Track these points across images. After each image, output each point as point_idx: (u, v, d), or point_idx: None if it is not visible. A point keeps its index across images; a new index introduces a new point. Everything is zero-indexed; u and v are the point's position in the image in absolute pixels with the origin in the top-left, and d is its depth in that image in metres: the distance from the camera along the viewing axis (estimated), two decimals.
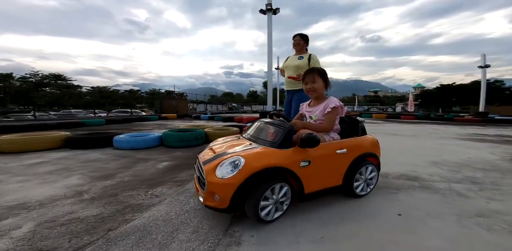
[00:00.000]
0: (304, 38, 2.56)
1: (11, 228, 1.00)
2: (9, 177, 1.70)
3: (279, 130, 1.15)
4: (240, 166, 0.96)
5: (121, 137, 2.94)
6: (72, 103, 23.60)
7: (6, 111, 15.88)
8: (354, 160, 1.24)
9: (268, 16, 8.18)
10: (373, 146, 1.37)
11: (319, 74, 1.34)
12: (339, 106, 1.27)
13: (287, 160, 1.03)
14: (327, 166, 1.17)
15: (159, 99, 17.96)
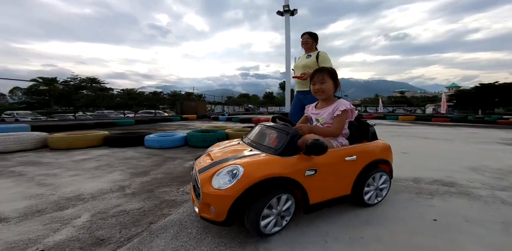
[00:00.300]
0: (313, 37, 2.48)
1: (73, 217, 1.15)
2: (63, 171, 1.97)
3: (282, 135, 1.06)
4: (239, 175, 0.88)
5: (151, 137, 3.19)
6: (104, 105, 25.98)
7: (51, 112, 18.03)
8: (365, 168, 1.14)
9: (285, 18, 8.16)
10: (385, 152, 1.27)
11: (328, 74, 1.24)
12: (349, 109, 1.19)
13: (290, 168, 0.94)
14: (335, 175, 1.08)
15: (180, 101, 18.99)
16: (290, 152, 0.98)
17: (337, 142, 1.18)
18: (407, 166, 2.13)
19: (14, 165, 2.13)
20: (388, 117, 11.34)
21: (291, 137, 1.00)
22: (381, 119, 11.19)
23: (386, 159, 1.26)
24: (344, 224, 1.08)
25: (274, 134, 1.12)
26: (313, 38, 2.48)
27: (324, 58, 2.36)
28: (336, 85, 1.27)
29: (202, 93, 35.08)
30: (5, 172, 1.91)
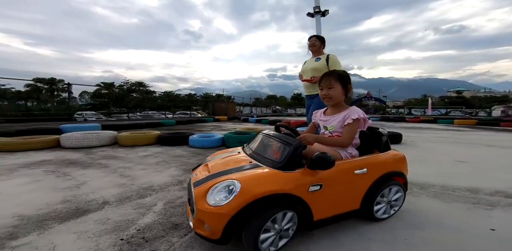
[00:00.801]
0: (321, 39, 2.45)
1: (152, 205, 1.43)
2: (134, 165, 2.42)
3: (285, 146, 0.98)
4: (235, 192, 0.82)
5: (194, 137, 3.60)
6: (149, 106, 29.63)
7: (110, 113, 21.46)
8: (376, 181, 1.06)
9: (316, 19, 7.96)
10: (400, 163, 1.19)
11: (337, 78, 1.15)
12: (362, 118, 1.11)
13: (292, 184, 0.88)
14: (343, 189, 1.00)
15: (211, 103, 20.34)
16: (293, 166, 0.92)
17: (346, 152, 1.10)
18: (465, 175, 1.96)
19: (99, 158, 2.71)
20: (440, 121, 9.87)
21: (294, 148, 0.93)
22: (431, 123, 9.87)
23: (400, 171, 1.18)
24: (390, 226, 1.13)
25: (276, 145, 1.05)
26: (320, 41, 2.44)
27: (335, 61, 2.31)
28: (347, 90, 1.17)
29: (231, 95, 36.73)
30: (95, 163, 2.46)
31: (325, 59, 2.34)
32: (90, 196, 1.53)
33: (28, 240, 1.01)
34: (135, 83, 36.03)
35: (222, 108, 18.78)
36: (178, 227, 1.17)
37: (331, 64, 2.31)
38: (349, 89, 1.18)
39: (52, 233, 1.07)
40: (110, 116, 18.14)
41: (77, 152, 3.01)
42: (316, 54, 2.47)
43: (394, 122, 10.65)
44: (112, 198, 1.53)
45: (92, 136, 3.36)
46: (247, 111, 23.44)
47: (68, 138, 3.25)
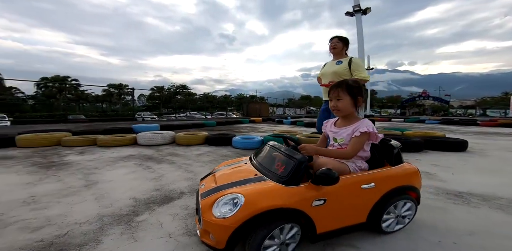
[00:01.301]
0: (343, 41, 2.29)
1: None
2: (193, 162, 2.91)
3: (289, 161, 0.99)
4: (239, 205, 0.86)
5: (237, 139, 3.98)
6: (190, 107, 32.94)
7: (160, 113, 24.80)
8: (385, 195, 1.05)
9: (356, 18, 7.43)
10: (412, 177, 1.16)
11: (346, 90, 1.13)
12: (372, 132, 1.08)
13: (296, 199, 0.90)
14: (348, 204, 1.00)
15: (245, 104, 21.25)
16: (297, 181, 0.93)
17: (356, 165, 1.09)
18: None
19: (166, 155, 3.34)
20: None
21: (299, 163, 0.94)
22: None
23: (412, 185, 1.15)
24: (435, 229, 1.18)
25: (281, 158, 1.05)
26: (343, 42, 2.29)
27: (358, 64, 2.19)
28: (357, 102, 1.14)
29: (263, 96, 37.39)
30: (165, 159, 3.06)
31: (348, 62, 2.22)
32: (171, 186, 1.98)
33: (144, 218, 1.40)
34: (179, 86, 40.58)
35: (256, 109, 19.36)
36: None
37: (354, 68, 2.20)
38: (359, 101, 1.15)
39: (157, 214, 1.45)
40: (161, 117, 21.00)
41: (149, 149, 3.76)
42: (337, 56, 2.35)
43: (461, 126, 9.00)
44: (185, 189, 1.91)
45: (158, 136, 4.12)
46: (280, 112, 23.45)
47: (142, 137, 4.08)
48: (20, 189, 1.85)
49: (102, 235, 1.18)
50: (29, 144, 3.68)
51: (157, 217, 1.41)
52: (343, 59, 2.29)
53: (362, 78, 2.17)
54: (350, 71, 2.21)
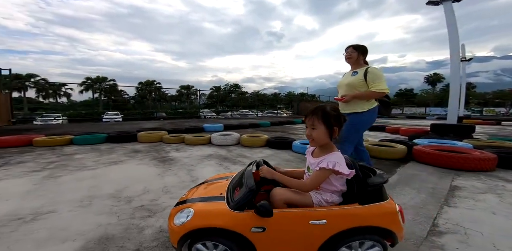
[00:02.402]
0: (359, 50, 2.13)
1: None
2: None
3: (244, 189, 1.03)
4: (188, 218, 1.02)
5: (297, 143, 4.13)
6: (242, 105, 35.39)
7: (218, 111, 27.88)
8: (338, 234, 0.99)
9: (445, 6, 5.85)
10: (386, 218, 1.02)
11: (321, 118, 1.05)
12: (329, 169, 1.01)
13: (236, 223, 0.98)
14: (292, 237, 1.00)
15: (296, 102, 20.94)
16: (242, 208, 1.00)
17: (321, 198, 1.05)
18: None
19: (236, 156, 3.87)
20: None
21: (248, 191, 1.00)
22: None
23: (383, 227, 1.01)
24: None
25: (242, 183, 1.08)
26: (358, 51, 2.13)
27: (375, 75, 2.00)
28: (332, 132, 1.05)
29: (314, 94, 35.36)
30: (237, 160, 3.58)
31: (363, 73, 2.06)
32: None
33: None
34: (232, 85, 44.15)
35: (308, 108, 18.70)
36: None
37: (370, 79, 2.02)
38: (335, 131, 1.06)
39: None
40: (219, 114, 23.63)
41: (222, 149, 4.47)
42: (354, 66, 2.21)
43: None
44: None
45: (228, 137, 4.83)
46: None
47: (215, 138, 4.89)
48: (156, 179, 2.45)
49: None
50: (144, 140, 5.12)
51: None
52: (359, 69, 2.15)
53: (379, 91, 2.02)
54: (366, 82, 2.06)
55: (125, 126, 8.80)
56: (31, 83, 15.86)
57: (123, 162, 3.26)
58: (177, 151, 4.19)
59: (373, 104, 2.16)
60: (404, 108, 21.30)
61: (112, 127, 8.47)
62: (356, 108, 2.14)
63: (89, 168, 2.92)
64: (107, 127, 8.85)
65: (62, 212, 1.68)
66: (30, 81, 17.27)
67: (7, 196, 1.98)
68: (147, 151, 4.15)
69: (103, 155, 3.70)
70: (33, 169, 2.81)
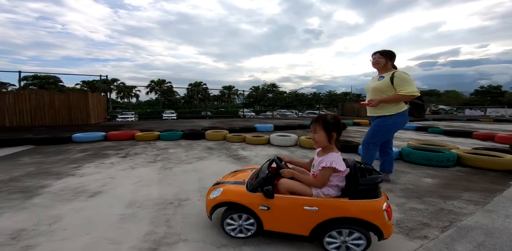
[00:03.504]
0: (385, 55, 2.18)
1: None
2: None
3: (259, 177, 1.38)
4: (219, 194, 1.42)
5: None
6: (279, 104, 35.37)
7: (257, 111, 28.60)
8: (328, 220, 1.22)
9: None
10: (370, 213, 1.19)
11: (321, 125, 1.30)
12: (328, 167, 1.25)
13: (248, 200, 1.32)
14: (289, 217, 1.28)
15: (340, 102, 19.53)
16: (256, 190, 1.33)
17: (320, 191, 1.30)
18: None
19: (301, 157, 4.02)
20: None
21: (260, 179, 1.34)
22: None
23: (366, 220, 1.19)
24: None
25: (259, 172, 1.48)
26: (385, 57, 2.18)
27: (402, 79, 2.03)
28: (331, 136, 1.30)
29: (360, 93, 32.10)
30: None
31: (390, 77, 2.09)
32: None
33: None
34: (269, 85, 44.57)
35: (354, 109, 17.12)
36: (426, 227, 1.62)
37: (397, 83, 2.05)
38: (333, 136, 1.29)
39: None
40: (258, 114, 24.24)
41: (283, 149, 4.65)
42: (381, 72, 2.25)
43: None
44: None
45: (287, 138, 5.02)
46: None
47: (274, 138, 5.15)
48: None
49: None
50: (211, 138, 5.81)
51: None
52: (385, 74, 2.18)
53: (408, 94, 2.04)
54: (394, 86, 2.09)
55: (184, 124, 10.01)
56: (114, 87, 19.99)
57: (207, 158, 3.79)
58: (243, 150, 4.58)
59: (402, 108, 2.17)
60: (488, 109, 16.80)
61: (176, 124, 9.77)
62: (383, 112, 2.20)
63: (186, 161, 3.52)
64: (171, 124, 10.27)
65: (194, 200, 1.95)
66: (114, 85, 21.77)
67: (148, 182, 2.41)
68: (219, 149, 4.69)
69: (188, 151, 4.40)
70: (148, 160, 3.56)
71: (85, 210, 1.79)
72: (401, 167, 3.18)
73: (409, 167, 3.21)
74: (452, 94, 32.70)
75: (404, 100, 2.13)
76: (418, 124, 9.03)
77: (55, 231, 1.47)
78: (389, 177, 2.51)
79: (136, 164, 3.32)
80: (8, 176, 2.63)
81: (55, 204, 1.90)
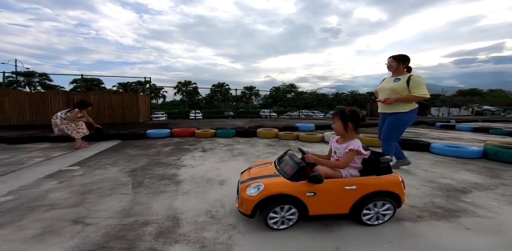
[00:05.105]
0: (397, 60, 2.43)
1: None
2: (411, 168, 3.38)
3: (295, 166, 1.46)
4: (260, 189, 1.41)
5: (439, 145, 3.96)
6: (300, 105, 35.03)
7: (279, 111, 28.63)
8: (365, 196, 1.42)
9: None
10: (393, 185, 1.47)
11: (339, 116, 1.57)
12: (356, 150, 1.50)
13: (295, 190, 1.38)
14: (333, 198, 1.42)
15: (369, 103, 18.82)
16: (297, 179, 1.41)
17: (348, 172, 1.53)
18: None
19: None
20: None
21: (299, 168, 1.42)
22: None
23: (393, 191, 1.46)
24: None
25: (291, 163, 1.53)
26: (398, 61, 2.42)
27: (417, 82, 2.29)
28: (347, 126, 1.55)
29: None
30: None
31: (406, 80, 2.35)
32: None
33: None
34: (288, 86, 44.37)
35: None
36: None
37: (412, 85, 2.31)
38: (348, 125, 1.54)
39: None
40: (282, 114, 24.29)
41: None
42: (395, 74, 2.51)
43: None
44: None
45: None
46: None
47: (328, 136, 5.24)
48: None
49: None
50: (263, 136, 6.07)
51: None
52: (401, 76, 2.44)
53: (421, 95, 2.33)
54: (409, 88, 2.34)
55: (218, 123, 10.36)
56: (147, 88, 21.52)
57: (276, 154, 4.02)
58: (305, 147, 4.76)
59: (414, 106, 2.50)
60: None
61: (212, 123, 10.15)
62: (398, 109, 2.48)
63: (263, 156, 3.78)
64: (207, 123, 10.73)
65: None
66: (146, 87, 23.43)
67: None
68: (280, 145, 4.92)
69: (253, 147, 4.67)
70: (229, 155, 3.82)
71: (233, 195, 1.98)
72: (492, 165, 3.19)
73: (500, 165, 3.19)
74: (499, 93, 29.22)
75: (416, 100, 2.44)
76: (476, 125, 8.58)
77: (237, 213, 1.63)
78: (408, 160, 2.86)
79: (222, 157, 3.65)
80: (137, 165, 3.08)
81: (205, 190, 2.16)
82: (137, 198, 1.96)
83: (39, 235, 1.37)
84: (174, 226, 1.50)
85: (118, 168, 2.90)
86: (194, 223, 1.53)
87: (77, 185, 2.27)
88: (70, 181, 2.39)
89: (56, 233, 1.39)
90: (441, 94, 28.83)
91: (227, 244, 1.30)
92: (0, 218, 1.57)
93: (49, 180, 2.41)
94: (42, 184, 2.29)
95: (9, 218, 1.58)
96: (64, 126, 4.14)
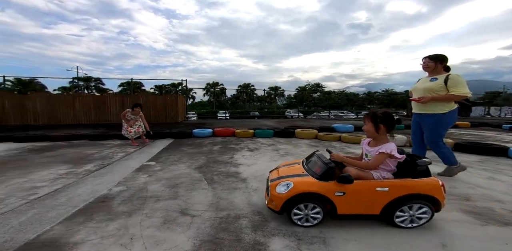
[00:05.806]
0: (434, 60, 2.35)
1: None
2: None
3: (324, 166, 1.51)
4: (290, 187, 1.47)
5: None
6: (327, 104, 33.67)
7: (304, 111, 27.99)
8: (398, 198, 1.41)
9: None
10: (432, 189, 1.44)
11: (370, 118, 1.56)
12: (387, 153, 1.47)
13: (324, 189, 1.44)
14: (364, 199, 1.45)
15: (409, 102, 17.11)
16: (327, 178, 1.47)
17: (380, 174, 1.51)
18: None
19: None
20: None
21: (328, 168, 1.48)
22: None
23: (430, 195, 1.42)
24: None
25: (319, 163, 1.58)
26: (435, 61, 2.34)
27: (456, 81, 2.20)
28: (378, 128, 1.52)
29: None
30: None
31: (444, 79, 2.25)
32: None
33: None
34: (314, 85, 42.95)
35: None
36: None
37: (451, 85, 2.21)
38: (380, 128, 1.52)
39: None
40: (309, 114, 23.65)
41: None
42: (432, 74, 2.42)
43: None
44: None
45: (397, 138, 4.74)
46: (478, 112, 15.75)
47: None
48: None
49: None
50: (302, 136, 6.03)
51: None
52: (439, 76, 2.32)
53: (461, 94, 2.21)
54: (447, 87, 2.22)
55: (249, 123, 10.59)
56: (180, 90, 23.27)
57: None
58: (350, 148, 4.60)
59: (454, 106, 2.36)
60: None
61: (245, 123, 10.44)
62: (436, 109, 2.36)
63: None
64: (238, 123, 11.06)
65: None
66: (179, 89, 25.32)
67: None
68: (323, 146, 4.84)
69: (296, 148, 4.69)
70: (276, 154, 3.96)
71: None
72: None
73: None
74: None
75: (455, 100, 2.31)
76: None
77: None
78: (464, 166, 2.60)
79: (271, 157, 3.76)
80: (199, 163, 3.37)
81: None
82: (217, 193, 2.14)
83: (164, 223, 1.55)
84: (263, 220, 1.61)
85: (185, 165, 3.22)
86: (278, 217, 1.63)
87: (163, 179, 2.55)
88: (155, 175, 2.70)
89: (174, 222, 1.56)
90: (502, 92, 24.40)
91: (320, 238, 1.38)
92: (127, 205, 1.83)
93: (140, 173, 2.75)
94: (137, 177, 2.62)
95: (133, 206, 1.81)
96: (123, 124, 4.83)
